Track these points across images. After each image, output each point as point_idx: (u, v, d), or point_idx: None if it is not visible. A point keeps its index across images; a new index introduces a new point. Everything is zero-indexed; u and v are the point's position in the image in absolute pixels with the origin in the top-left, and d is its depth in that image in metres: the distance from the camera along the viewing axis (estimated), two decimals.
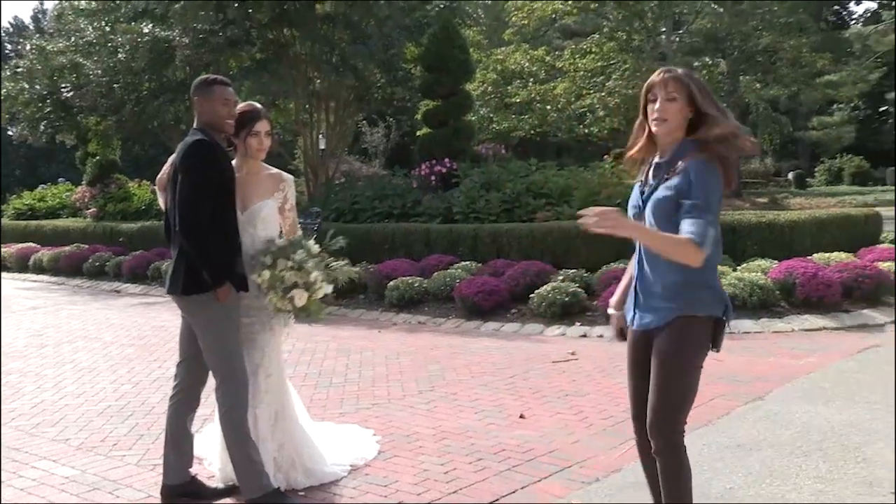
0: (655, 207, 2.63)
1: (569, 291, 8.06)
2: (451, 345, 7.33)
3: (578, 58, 24.67)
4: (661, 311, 2.66)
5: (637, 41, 23.86)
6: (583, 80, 24.28)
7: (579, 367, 6.20)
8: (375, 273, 9.86)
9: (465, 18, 17.85)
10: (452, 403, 5.25)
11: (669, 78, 2.63)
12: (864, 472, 3.74)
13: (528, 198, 11.46)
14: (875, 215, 11.54)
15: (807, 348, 6.56)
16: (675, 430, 2.72)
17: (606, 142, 25.49)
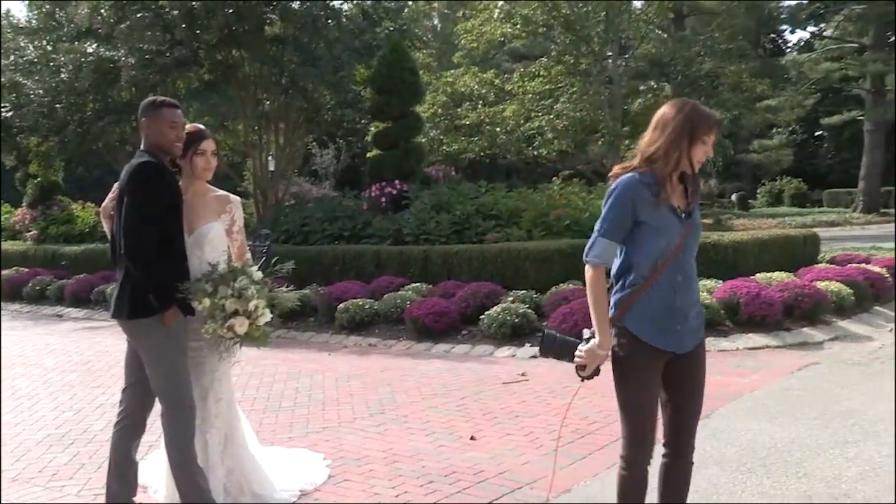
0: (697, 228, 2.84)
1: (519, 312, 8.10)
2: (402, 367, 7.31)
3: (527, 81, 25.01)
4: (700, 329, 2.86)
5: (584, 65, 24.27)
6: (531, 103, 24.59)
7: (529, 388, 6.23)
8: (326, 295, 9.80)
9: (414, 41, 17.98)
10: (403, 426, 5.23)
11: (718, 123, 2.82)
12: (805, 487, 3.83)
13: (478, 219, 11.52)
14: (813, 236, 11.88)
15: (751, 366, 6.69)
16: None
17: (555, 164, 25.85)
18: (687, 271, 2.78)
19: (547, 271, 9.49)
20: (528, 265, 9.63)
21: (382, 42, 15.25)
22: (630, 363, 2.79)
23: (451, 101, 24.43)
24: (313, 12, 14.05)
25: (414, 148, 14.05)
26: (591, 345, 2.76)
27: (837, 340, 7.64)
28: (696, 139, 2.71)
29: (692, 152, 2.72)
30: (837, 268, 9.79)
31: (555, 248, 9.71)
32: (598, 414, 5.27)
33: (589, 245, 2.74)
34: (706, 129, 2.72)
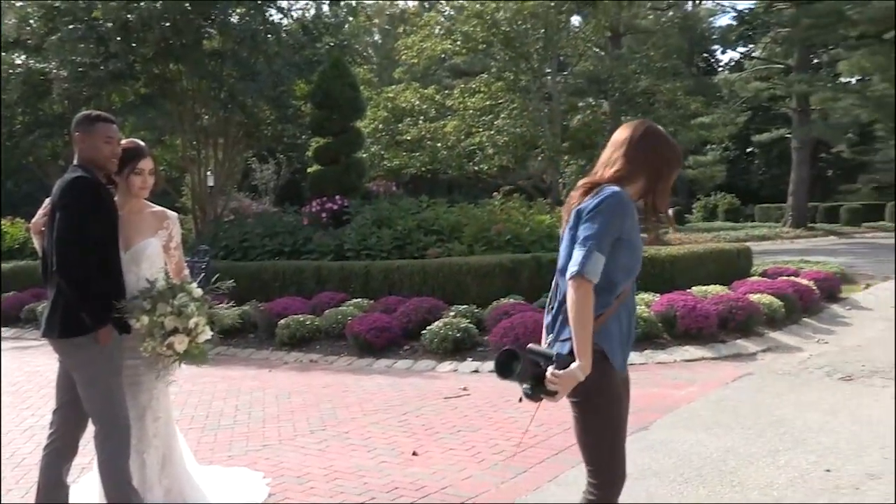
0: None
1: (460, 327, 8.13)
2: (344, 383, 7.26)
3: (467, 96, 25.24)
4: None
5: (524, 81, 24.60)
6: (472, 119, 24.82)
7: (471, 402, 6.25)
8: (266, 311, 9.68)
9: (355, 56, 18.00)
10: (344, 442, 5.20)
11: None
12: (739, 496, 3.93)
13: (420, 234, 11.54)
14: (746, 250, 12.23)
15: (687, 378, 6.84)
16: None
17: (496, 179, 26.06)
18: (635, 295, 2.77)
19: (488, 286, 9.56)
20: (470, 280, 9.68)
21: (323, 57, 15.23)
22: (608, 394, 2.56)
23: (392, 116, 24.49)
24: (252, 27, 13.96)
25: (355, 163, 14.03)
26: (573, 368, 2.40)
27: (769, 351, 7.86)
28: (670, 174, 2.75)
29: (665, 187, 2.74)
30: (769, 281, 10.09)
31: (496, 263, 9.79)
32: (538, 427, 5.31)
33: (582, 258, 2.43)
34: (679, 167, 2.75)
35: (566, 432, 5.15)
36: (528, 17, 23.36)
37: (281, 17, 16.55)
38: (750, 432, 5.02)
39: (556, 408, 5.91)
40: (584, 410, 2.57)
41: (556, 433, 5.15)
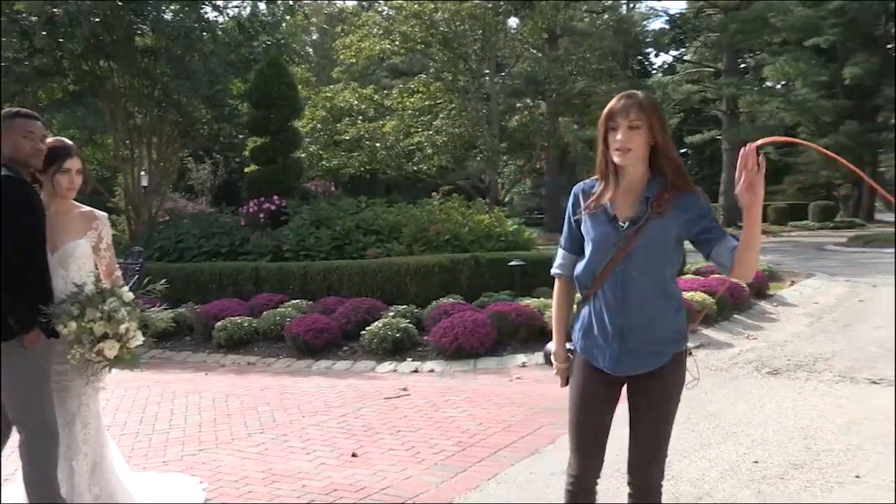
0: (654, 242, 2.47)
1: (400, 327, 8.11)
2: (282, 385, 7.18)
3: (406, 97, 25.22)
4: (663, 353, 2.53)
5: (462, 82, 24.70)
6: (411, 119, 24.81)
7: (411, 402, 6.24)
8: (202, 313, 9.50)
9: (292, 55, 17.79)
10: (283, 445, 5.13)
11: (632, 104, 2.47)
12: (673, 489, 4.00)
13: (359, 234, 11.48)
14: None
15: None
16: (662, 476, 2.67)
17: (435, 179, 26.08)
18: (630, 289, 2.49)
19: (427, 286, 9.56)
20: (409, 280, 9.67)
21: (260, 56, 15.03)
22: (574, 373, 2.68)
23: (330, 116, 24.30)
24: (187, 24, 13.70)
25: (293, 163, 13.87)
26: (552, 353, 2.75)
27: (702, 348, 8.04)
28: (607, 126, 2.52)
29: (608, 142, 2.51)
30: (701, 278, 10.32)
31: (435, 263, 9.80)
32: (478, 426, 5.34)
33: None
34: (611, 109, 2.50)
35: (505, 431, 5.19)
36: (465, 19, 23.45)
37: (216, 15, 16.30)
38: (683, 427, 5.12)
39: (497, 407, 5.95)
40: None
41: (496, 431, 5.18)
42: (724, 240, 2.48)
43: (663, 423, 2.59)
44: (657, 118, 2.48)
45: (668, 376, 2.55)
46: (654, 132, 2.47)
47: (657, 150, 2.50)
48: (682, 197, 2.49)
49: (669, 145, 2.50)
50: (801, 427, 5.00)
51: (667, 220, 2.46)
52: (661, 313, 2.52)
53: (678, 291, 2.58)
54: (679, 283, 10.17)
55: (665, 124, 2.51)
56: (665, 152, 2.49)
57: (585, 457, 2.71)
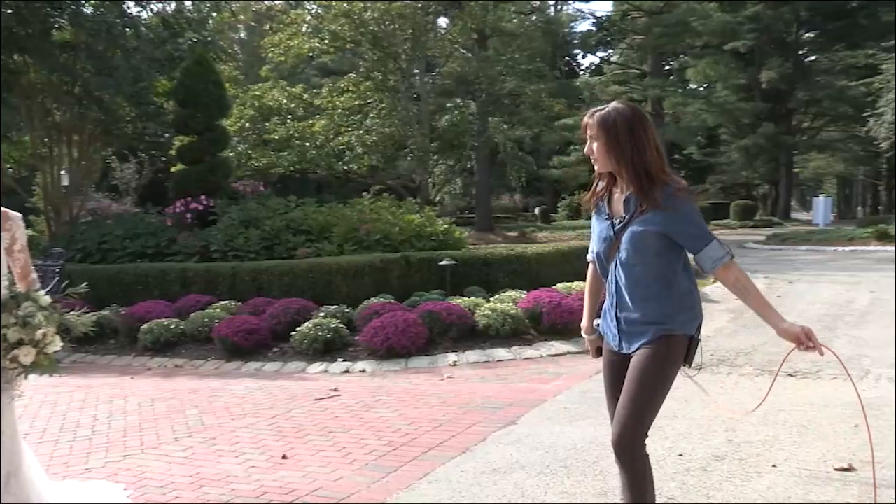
0: (635, 240, 2.74)
1: (330, 328, 8.05)
2: (211, 387, 7.04)
3: (336, 96, 25.03)
4: (645, 333, 2.78)
5: (393, 82, 24.67)
6: (341, 118, 24.64)
7: (342, 402, 6.20)
8: (127, 316, 9.25)
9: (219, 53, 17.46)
10: (211, 448, 5.03)
11: (589, 121, 2.82)
12: (601, 484, 4.07)
13: (289, 234, 11.35)
14: None
15: (553, 372, 7.04)
16: (642, 443, 2.84)
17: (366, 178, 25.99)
18: (621, 281, 2.80)
19: (358, 286, 9.52)
20: (340, 280, 9.60)
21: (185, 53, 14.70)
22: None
23: (259, 115, 23.94)
24: (108, 19, 13.29)
25: (220, 162, 13.64)
26: (582, 328, 3.17)
27: None
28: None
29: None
30: None
31: (366, 263, 9.76)
32: (409, 426, 5.33)
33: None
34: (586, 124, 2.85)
35: (436, 430, 5.20)
36: (395, 18, 23.42)
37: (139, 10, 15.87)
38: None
39: (428, 406, 5.96)
40: None
41: (427, 431, 5.19)
42: (708, 248, 2.75)
43: (637, 392, 2.76)
44: (604, 132, 2.76)
45: (649, 351, 2.77)
46: (607, 145, 2.77)
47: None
48: (673, 203, 2.70)
49: (625, 159, 2.73)
50: (722, 420, 5.15)
51: (648, 217, 2.72)
52: (648, 299, 2.78)
53: (676, 282, 2.78)
54: None
55: (616, 139, 2.74)
56: (621, 165, 2.76)
57: (612, 421, 2.94)
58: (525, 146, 37.31)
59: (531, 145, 39.56)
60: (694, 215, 2.74)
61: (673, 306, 2.78)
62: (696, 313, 2.84)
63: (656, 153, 2.74)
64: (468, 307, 8.49)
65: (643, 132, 2.74)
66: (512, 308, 8.33)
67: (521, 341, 8.12)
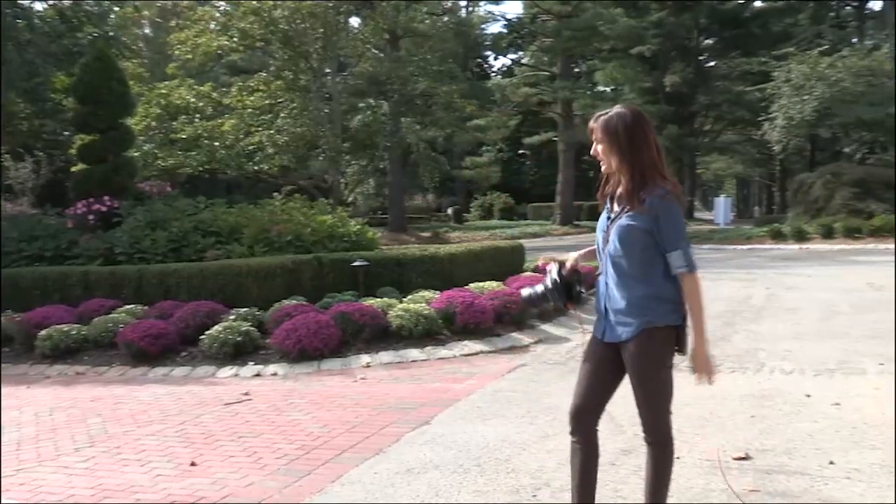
0: (621, 233, 2.94)
1: (241, 331, 7.88)
2: (115, 395, 6.79)
3: (246, 95, 24.53)
4: (629, 325, 2.96)
5: (304, 81, 24.36)
6: (251, 118, 24.18)
7: (253, 407, 6.08)
8: (23, 322, 8.83)
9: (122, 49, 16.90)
10: (115, 458, 4.86)
11: (594, 125, 2.99)
12: (513, 481, 4.12)
13: (197, 236, 11.09)
14: (519, 247, 12.91)
15: (466, 372, 7.08)
16: (668, 425, 3.06)
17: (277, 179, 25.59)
18: (609, 272, 3.02)
19: (269, 288, 9.36)
20: (251, 282, 9.42)
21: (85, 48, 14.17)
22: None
23: (165, 113, 23.26)
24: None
25: (125, 162, 13.19)
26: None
27: (541, 343, 8.33)
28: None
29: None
30: (540, 276, 10.67)
31: (277, 264, 9.61)
32: (322, 428, 5.28)
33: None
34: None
35: (350, 432, 5.17)
36: (306, 17, 23.15)
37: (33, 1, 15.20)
38: (523, 420, 5.30)
39: (341, 408, 5.93)
40: None
41: (340, 433, 5.14)
42: (674, 253, 2.91)
43: (639, 386, 3.02)
44: (606, 135, 2.96)
45: (634, 350, 2.98)
46: (609, 148, 2.96)
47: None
48: (658, 205, 2.88)
49: (624, 160, 2.93)
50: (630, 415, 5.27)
51: (637, 213, 2.90)
52: (631, 291, 2.96)
53: (658, 276, 2.94)
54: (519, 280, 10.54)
55: (616, 142, 2.93)
56: (620, 165, 2.95)
57: (574, 406, 3.24)
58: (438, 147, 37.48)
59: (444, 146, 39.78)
60: (675, 218, 2.91)
61: (654, 299, 2.95)
62: (679, 304, 2.98)
63: (655, 155, 2.93)
64: (381, 308, 8.47)
65: (642, 135, 2.92)
66: (425, 308, 8.35)
67: (435, 341, 8.14)
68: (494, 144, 46.02)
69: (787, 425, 4.92)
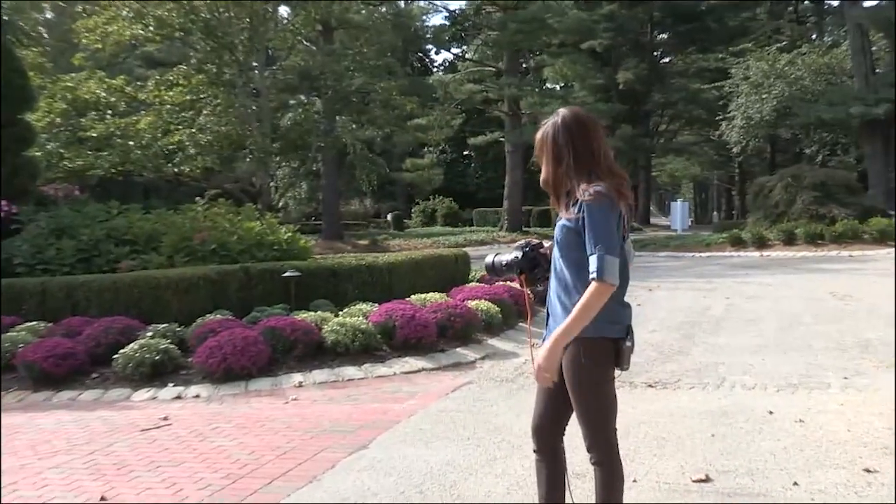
0: (558, 234, 3.01)
1: (159, 349, 7.73)
2: (12, 424, 6.57)
3: (164, 90, 24.10)
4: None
5: (228, 75, 24.05)
6: (170, 115, 23.78)
7: (173, 433, 5.95)
8: None
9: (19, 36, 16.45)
10: (11, 496, 4.69)
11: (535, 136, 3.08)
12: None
13: (110, 245, 10.87)
14: (464, 255, 12.97)
15: (407, 391, 7.06)
16: (609, 444, 3.07)
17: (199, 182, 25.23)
18: (552, 277, 3.08)
19: (192, 301, 9.21)
20: (170, 295, 9.25)
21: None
22: None
23: (72, 109, 22.67)
24: None
25: (25, 163, 12.86)
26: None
27: (487, 359, 8.36)
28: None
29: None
30: (486, 286, 10.74)
31: (200, 276, 9.46)
32: (250, 455, 5.20)
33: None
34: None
35: (280, 458, 5.10)
36: (230, 5, 22.89)
37: None
38: (469, 443, 5.30)
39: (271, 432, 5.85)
40: None
41: (270, 460, 5.07)
42: (590, 257, 2.88)
43: (574, 401, 3.06)
44: (537, 142, 3.07)
45: (566, 359, 2.99)
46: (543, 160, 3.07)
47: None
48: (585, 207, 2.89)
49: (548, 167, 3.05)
50: None
51: (571, 218, 2.94)
52: (568, 296, 2.99)
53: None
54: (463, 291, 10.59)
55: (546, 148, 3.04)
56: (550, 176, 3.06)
57: (534, 426, 3.31)
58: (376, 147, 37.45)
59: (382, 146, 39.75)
60: (595, 219, 2.87)
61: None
62: (619, 316, 2.99)
63: (596, 155, 2.97)
64: (315, 322, 8.40)
65: (581, 136, 2.98)
66: (362, 322, 8.31)
67: (373, 358, 8.11)
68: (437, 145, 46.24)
69: (750, 444, 5.02)
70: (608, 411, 3.06)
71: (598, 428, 3.05)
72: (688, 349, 8.36)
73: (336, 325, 8.20)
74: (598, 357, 2.96)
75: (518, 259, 3.22)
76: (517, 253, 3.23)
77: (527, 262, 3.21)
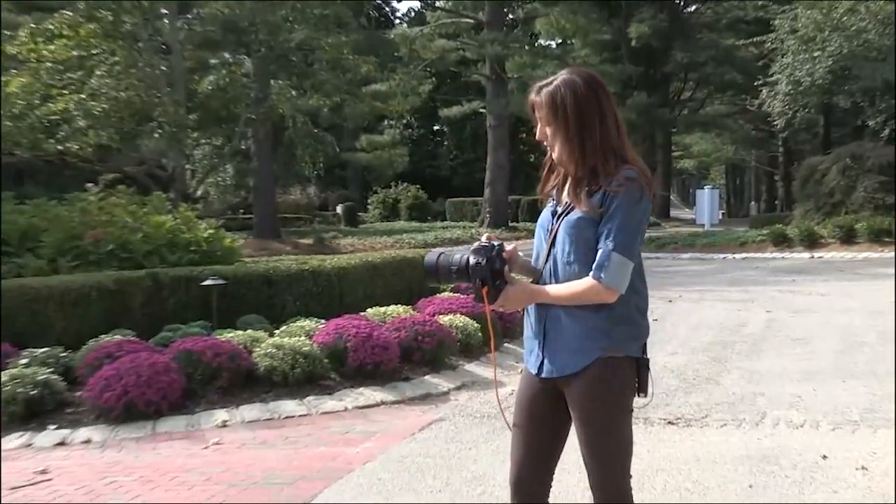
0: (572, 230, 2.98)
1: (37, 381, 7.64)
2: None
3: (43, 43, 23.86)
4: (577, 353, 2.97)
5: (129, 25, 23.89)
6: (51, 76, 23.53)
7: (54, 490, 5.89)
8: None
9: None
10: None
11: (535, 98, 3.05)
12: None
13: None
14: None
15: (362, 431, 7.04)
16: (626, 489, 3.08)
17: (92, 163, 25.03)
18: (555, 278, 3.02)
19: (82, 318, 9.15)
20: (53, 310, 9.17)
21: None
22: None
23: None
24: None
25: None
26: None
27: (464, 388, 8.36)
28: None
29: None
30: (463, 297, 10.70)
31: (93, 285, 9.40)
32: None
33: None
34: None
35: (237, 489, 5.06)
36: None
37: None
38: (441, 495, 5.29)
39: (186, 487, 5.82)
40: None
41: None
42: (601, 252, 2.94)
43: (587, 436, 3.06)
44: (552, 112, 3.02)
45: (584, 387, 2.99)
46: (553, 131, 3.05)
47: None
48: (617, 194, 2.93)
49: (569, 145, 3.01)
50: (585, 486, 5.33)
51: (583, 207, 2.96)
52: (584, 308, 2.97)
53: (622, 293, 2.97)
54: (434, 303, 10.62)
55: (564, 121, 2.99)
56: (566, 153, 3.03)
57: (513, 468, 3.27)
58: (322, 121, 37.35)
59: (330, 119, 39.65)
60: (627, 215, 2.92)
61: (613, 318, 2.97)
62: (642, 331, 3.05)
63: (615, 134, 2.99)
64: (244, 344, 8.36)
65: (597, 109, 2.98)
66: (305, 344, 8.28)
67: (319, 389, 8.08)
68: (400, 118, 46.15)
69: (798, 497, 5.05)
70: (627, 451, 3.07)
71: (616, 469, 3.07)
72: (718, 376, 8.40)
73: (271, 348, 8.16)
74: (622, 381, 2.99)
75: (480, 265, 3.04)
76: (479, 258, 3.04)
77: (490, 271, 3.05)
